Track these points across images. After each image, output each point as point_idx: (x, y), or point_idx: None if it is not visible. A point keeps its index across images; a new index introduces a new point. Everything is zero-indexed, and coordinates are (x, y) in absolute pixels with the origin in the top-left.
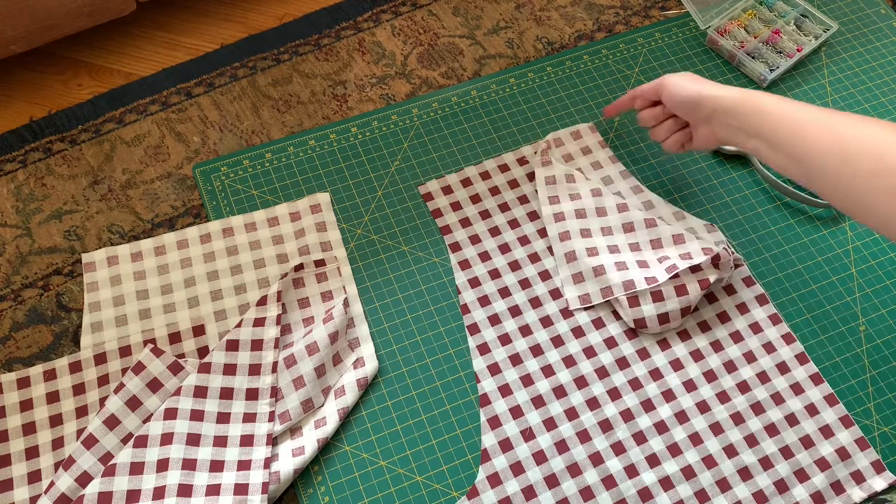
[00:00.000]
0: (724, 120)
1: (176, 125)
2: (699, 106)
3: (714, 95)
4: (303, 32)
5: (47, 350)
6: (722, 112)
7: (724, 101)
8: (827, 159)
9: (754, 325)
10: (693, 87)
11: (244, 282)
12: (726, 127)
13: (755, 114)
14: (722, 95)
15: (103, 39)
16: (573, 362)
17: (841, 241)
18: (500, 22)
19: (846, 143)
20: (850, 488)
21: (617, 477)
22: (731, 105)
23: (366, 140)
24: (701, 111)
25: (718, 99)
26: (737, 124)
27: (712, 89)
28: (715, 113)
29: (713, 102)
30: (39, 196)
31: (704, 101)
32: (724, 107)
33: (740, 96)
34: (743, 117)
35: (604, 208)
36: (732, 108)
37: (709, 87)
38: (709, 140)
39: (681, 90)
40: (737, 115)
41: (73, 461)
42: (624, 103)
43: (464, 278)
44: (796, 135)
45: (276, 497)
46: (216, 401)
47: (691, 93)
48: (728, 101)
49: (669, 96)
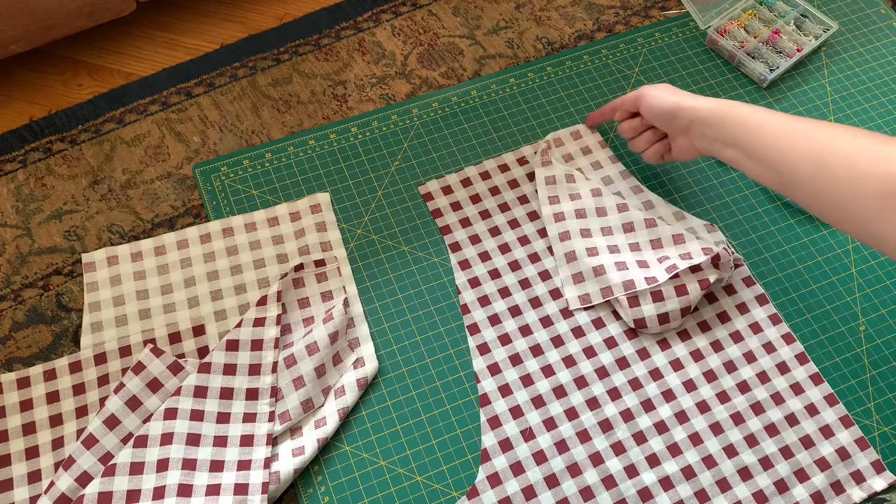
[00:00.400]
0: (700, 130)
1: (176, 125)
2: (676, 117)
3: (691, 106)
4: (303, 32)
5: (47, 350)
6: (699, 122)
7: (700, 112)
8: (802, 167)
9: (754, 325)
10: (670, 98)
11: (244, 282)
12: (703, 137)
13: (732, 124)
14: (698, 106)
15: (103, 39)
16: (573, 362)
17: (841, 241)
18: (500, 22)
19: (821, 151)
20: (850, 488)
21: (617, 477)
22: (707, 115)
23: (366, 140)
24: (678, 122)
25: (695, 109)
26: (713, 134)
27: (689, 100)
28: (692, 124)
29: (690, 113)
30: (39, 196)
31: (681, 112)
32: (701, 117)
33: (717, 107)
34: (719, 127)
35: (604, 208)
36: (709, 118)
37: (686, 99)
38: (687, 151)
39: (658, 101)
40: (713, 126)
41: (73, 461)
42: (605, 113)
43: (464, 278)
44: (773, 144)
45: (276, 497)
46: (216, 401)
47: (668, 104)
48: (705, 112)
49: (647, 108)
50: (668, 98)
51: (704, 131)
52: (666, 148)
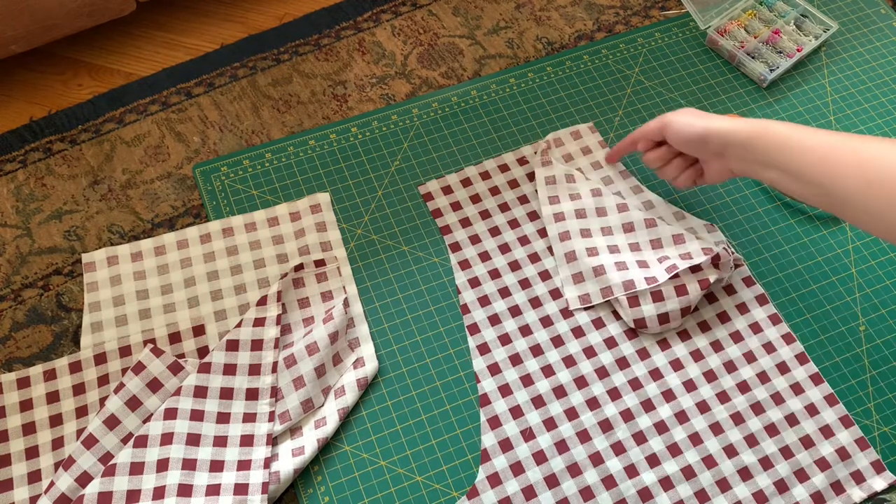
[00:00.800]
0: (738, 154)
1: (176, 125)
2: (708, 142)
3: (723, 129)
4: (303, 32)
5: (47, 350)
6: (736, 146)
7: (736, 135)
8: (851, 183)
9: (754, 325)
10: (700, 123)
11: (244, 282)
12: (741, 160)
13: (772, 145)
14: (732, 129)
15: (103, 39)
16: (573, 362)
17: (841, 241)
18: (500, 22)
19: (868, 166)
20: (850, 488)
21: (617, 477)
22: (744, 138)
23: (366, 140)
24: (711, 147)
25: (729, 133)
26: (752, 157)
27: (719, 123)
28: (728, 147)
29: (724, 137)
30: (39, 196)
31: (713, 136)
32: (737, 140)
33: (753, 128)
34: (759, 150)
35: (604, 208)
36: (746, 141)
37: (715, 122)
38: (722, 174)
39: (686, 128)
40: (752, 148)
41: (73, 461)
42: (624, 148)
43: (464, 278)
44: (817, 162)
45: (276, 497)
46: (216, 401)
47: (698, 130)
48: (741, 135)
49: (675, 135)
50: (697, 123)
51: (743, 154)
52: (698, 173)
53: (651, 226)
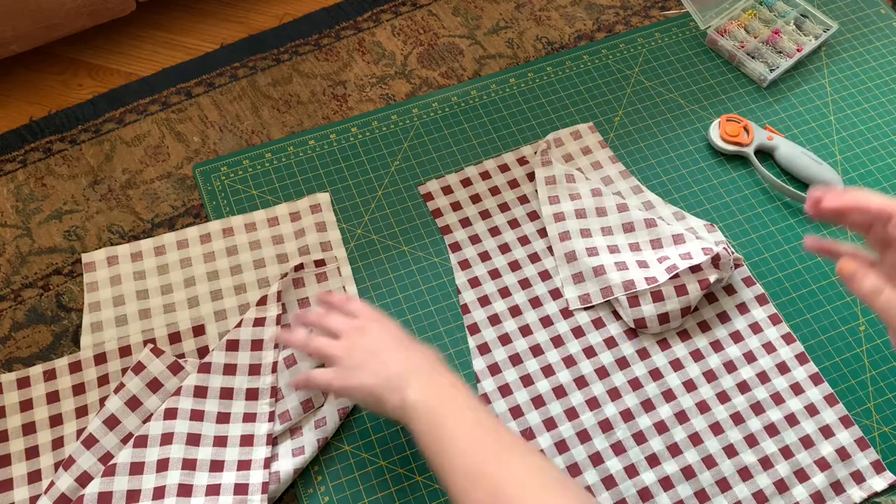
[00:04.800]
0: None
1: (176, 125)
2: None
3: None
4: (303, 32)
5: (47, 350)
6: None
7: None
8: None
9: (754, 325)
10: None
11: (244, 282)
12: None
13: None
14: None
15: (103, 39)
16: (573, 362)
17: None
18: (500, 22)
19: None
20: (849, 488)
21: (617, 477)
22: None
23: (366, 140)
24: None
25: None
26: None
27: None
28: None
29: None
30: (39, 196)
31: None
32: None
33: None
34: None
35: (604, 208)
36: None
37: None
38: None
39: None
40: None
41: (73, 461)
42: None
43: (464, 278)
44: None
45: (276, 497)
46: (216, 401)
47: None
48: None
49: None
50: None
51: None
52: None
53: (651, 226)
